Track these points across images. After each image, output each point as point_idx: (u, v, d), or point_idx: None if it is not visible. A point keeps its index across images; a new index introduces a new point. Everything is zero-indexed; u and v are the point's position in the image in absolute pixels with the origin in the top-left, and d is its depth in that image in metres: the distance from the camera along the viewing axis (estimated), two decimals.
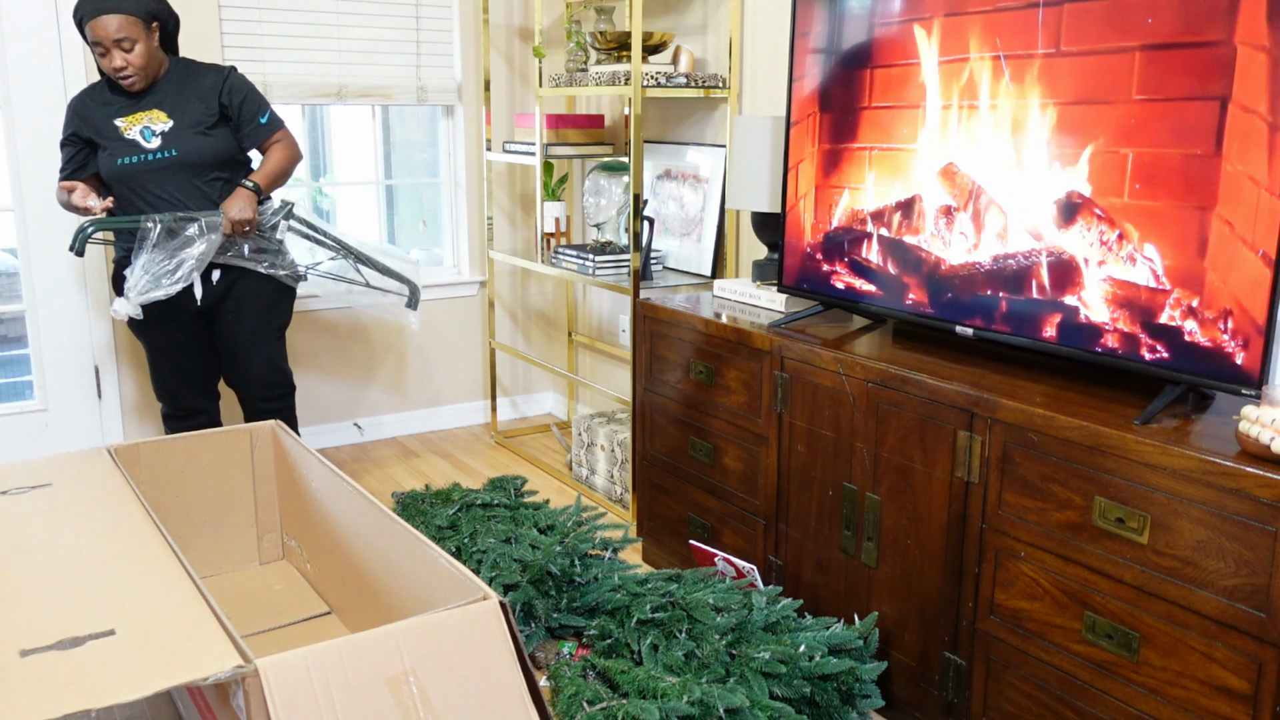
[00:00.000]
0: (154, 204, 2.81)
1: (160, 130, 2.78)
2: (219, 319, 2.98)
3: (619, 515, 3.34)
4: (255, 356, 3.01)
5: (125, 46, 2.69)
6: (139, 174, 2.79)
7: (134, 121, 2.79)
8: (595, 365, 4.18)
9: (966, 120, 2.05)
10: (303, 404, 3.94)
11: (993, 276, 2.05)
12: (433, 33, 3.93)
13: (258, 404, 3.08)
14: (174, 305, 2.87)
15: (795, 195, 2.49)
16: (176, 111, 2.81)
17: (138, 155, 2.78)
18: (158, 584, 1.70)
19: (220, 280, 2.91)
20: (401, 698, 1.50)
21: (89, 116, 2.82)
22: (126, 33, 2.67)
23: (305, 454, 2.44)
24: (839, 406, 2.23)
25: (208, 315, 2.98)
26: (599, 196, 3.66)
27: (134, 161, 2.78)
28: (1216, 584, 1.60)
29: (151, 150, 2.78)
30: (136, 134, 2.78)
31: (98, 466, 2.26)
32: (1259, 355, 1.64)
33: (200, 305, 2.91)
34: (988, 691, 1.99)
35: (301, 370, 3.91)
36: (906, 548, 2.12)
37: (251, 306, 2.96)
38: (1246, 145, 1.62)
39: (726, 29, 3.26)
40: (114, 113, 2.80)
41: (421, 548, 1.88)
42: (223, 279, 2.91)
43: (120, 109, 2.81)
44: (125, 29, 2.67)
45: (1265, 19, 1.58)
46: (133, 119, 2.79)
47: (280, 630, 2.35)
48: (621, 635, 2.25)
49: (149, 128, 2.77)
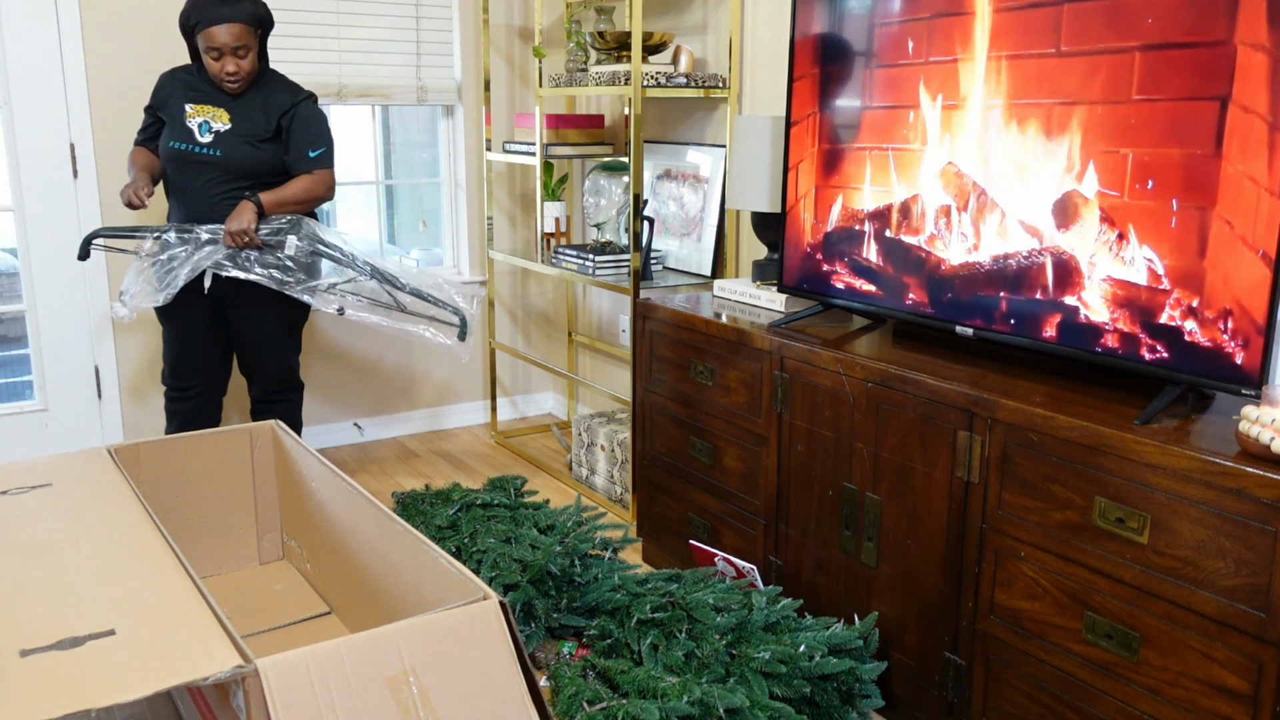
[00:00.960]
0: (193, 195, 2.90)
1: (217, 129, 2.87)
2: (232, 312, 3.02)
3: (619, 515, 3.34)
4: (264, 354, 3.06)
5: (241, 54, 2.83)
6: (185, 162, 2.88)
7: (199, 112, 2.89)
8: (595, 365, 4.18)
9: (966, 120, 2.05)
10: (304, 404, 3.94)
11: (993, 276, 2.05)
12: (433, 33, 3.93)
13: (263, 401, 3.14)
14: (189, 293, 2.94)
15: (795, 195, 2.50)
16: (239, 117, 2.90)
17: (188, 144, 2.88)
18: (158, 584, 1.70)
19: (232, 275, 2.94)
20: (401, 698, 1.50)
21: (170, 93, 2.93)
22: (244, 41, 2.81)
23: (305, 454, 2.44)
24: (839, 406, 2.23)
25: (222, 306, 3.02)
26: (599, 196, 3.66)
27: (183, 149, 2.88)
28: (1216, 584, 1.60)
29: (202, 144, 2.87)
30: (195, 124, 2.88)
31: (98, 466, 2.26)
32: (1259, 355, 1.64)
33: (210, 294, 2.95)
34: (988, 691, 1.99)
35: (302, 370, 3.91)
36: (906, 548, 2.12)
37: (265, 301, 3.00)
38: (1246, 145, 1.62)
39: (726, 29, 3.26)
40: (190, 97, 2.91)
41: (421, 548, 1.88)
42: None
43: (196, 96, 2.91)
44: (243, 37, 2.81)
45: (1265, 19, 1.58)
46: (200, 109, 2.89)
47: (280, 630, 2.35)
48: (621, 635, 2.25)
49: (208, 122, 2.87)
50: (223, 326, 3.06)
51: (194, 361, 3.05)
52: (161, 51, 3.44)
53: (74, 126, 3.36)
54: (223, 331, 3.07)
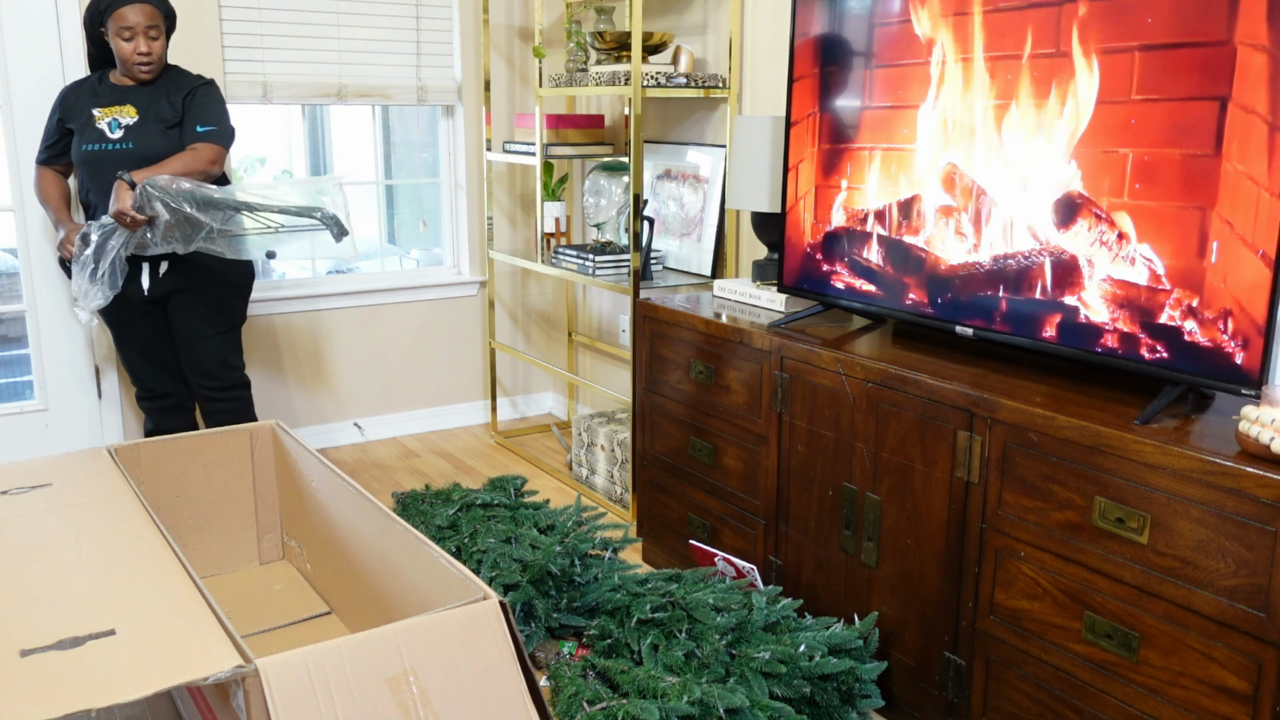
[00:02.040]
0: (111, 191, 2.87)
1: (126, 123, 2.91)
2: (170, 310, 3.05)
3: (619, 515, 3.34)
4: (201, 349, 3.08)
5: (153, 35, 2.88)
6: (100, 161, 2.90)
7: (107, 113, 2.93)
8: (595, 365, 4.18)
9: (966, 120, 2.05)
10: (303, 404, 3.94)
11: (993, 276, 2.05)
12: (433, 33, 3.93)
13: (206, 396, 3.13)
14: (127, 296, 2.99)
15: (795, 195, 2.50)
16: (145, 108, 2.93)
17: (101, 144, 2.91)
18: (158, 584, 1.70)
19: (168, 273, 2.97)
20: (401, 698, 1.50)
21: (74, 104, 2.97)
22: (155, 22, 2.87)
23: (305, 454, 2.44)
24: (839, 406, 2.23)
25: (163, 305, 3.06)
26: (599, 196, 3.66)
27: (96, 149, 2.91)
28: (1216, 584, 1.60)
29: (113, 141, 2.90)
30: (105, 124, 2.92)
31: (98, 466, 2.26)
32: (1259, 355, 1.64)
33: (149, 295, 2.98)
34: (988, 691, 1.99)
35: (302, 370, 3.91)
36: (906, 548, 2.12)
37: (198, 300, 3.02)
38: (1246, 145, 1.62)
39: (726, 29, 3.26)
40: (95, 103, 2.95)
41: (421, 548, 1.88)
42: (170, 272, 2.98)
43: (101, 100, 2.94)
44: (154, 18, 2.87)
45: (1265, 19, 1.58)
46: (107, 110, 2.93)
47: (280, 630, 2.35)
48: (621, 635, 2.25)
49: (117, 119, 2.92)
50: (165, 321, 3.10)
51: (154, 363, 3.11)
52: None
53: None
54: (167, 326, 3.11)
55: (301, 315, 3.87)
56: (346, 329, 3.97)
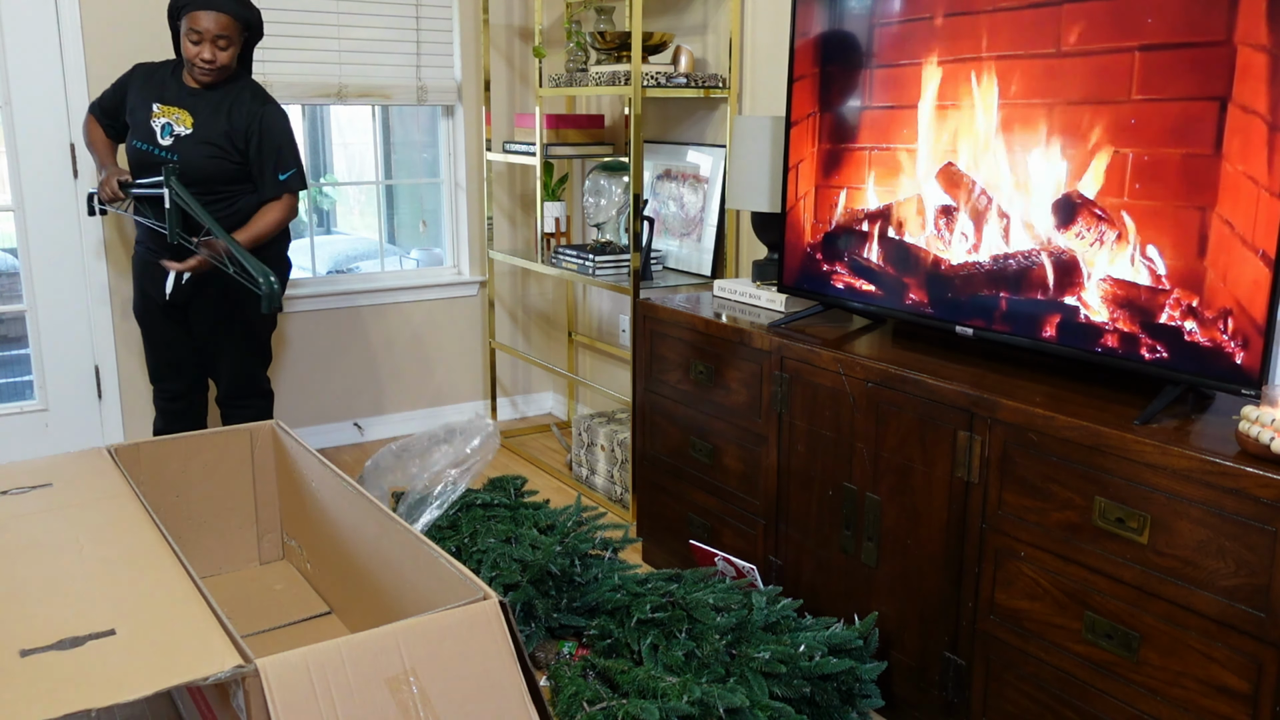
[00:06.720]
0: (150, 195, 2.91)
1: (179, 133, 2.88)
2: (190, 317, 3.05)
3: (619, 515, 3.34)
4: (221, 359, 3.08)
5: (221, 45, 2.84)
6: (145, 163, 2.90)
7: (165, 113, 2.90)
8: (595, 365, 4.18)
9: (966, 120, 2.05)
10: (303, 404, 3.94)
11: (993, 276, 2.05)
12: (433, 33, 3.93)
13: (227, 404, 3.15)
14: (151, 298, 3.01)
15: (795, 195, 2.50)
16: (202, 120, 2.89)
17: (149, 145, 2.89)
18: (158, 584, 1.70)
19: (190, 279, 2.96)
20: (401, 698, 1.50)
21: (141, 87, 2.94)
22: (227, 32, 2.83)
23: (305, 454, 2.44)
24: (839, 406, 2.23)
25: (184, 311, 3.05)
26: (599, 196, 3.66)
27: (143, 149, 2.90)
28: (1216, 584, 1.60)
29: (161, 147, 2.88)
30: (159, 125, 2.89)
31: (98, 466, 2.26)
32: (1259, 355, 1.64)
33: (170, 300, 2.97)
34: (988, 691, 1.99)
35: (302, 370, 3.91)
36: (906, 548, 2.12)
37: (218, 310, 3.01)
38: (1246, 145, 1.62)
39: (726, 29, 3.26)
40: (159, 96, 2.92)
41: (421, 548, 1.88)
42: (192, 280, 2.96)
43: (165, 96, 2.91)
44: (228, 29, 2.83)
45: (1265, 19, 1.58)
46: (166, 110, 2.90)
47: (280, 630, 2.35)
48: (621, 635, 2.25)
49: (171, 124, 2.88)
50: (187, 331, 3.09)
51: (171, 365, 3.11)
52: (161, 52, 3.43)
53: (74, 126, 3.36)
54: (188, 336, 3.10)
55: (301, 315, 3.87)
56: (346, 329, 3.97)
